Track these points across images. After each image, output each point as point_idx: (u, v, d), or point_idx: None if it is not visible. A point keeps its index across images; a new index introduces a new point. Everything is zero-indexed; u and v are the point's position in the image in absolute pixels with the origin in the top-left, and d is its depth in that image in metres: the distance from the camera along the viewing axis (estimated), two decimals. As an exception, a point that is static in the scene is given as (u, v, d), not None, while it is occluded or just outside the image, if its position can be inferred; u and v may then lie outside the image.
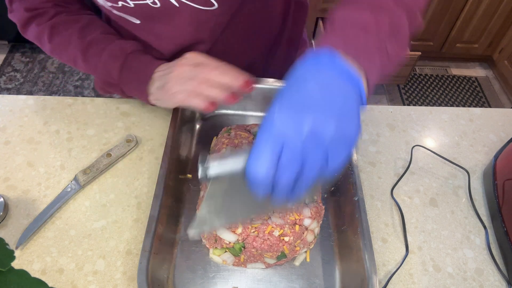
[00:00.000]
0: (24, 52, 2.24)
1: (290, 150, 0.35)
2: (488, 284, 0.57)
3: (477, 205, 0.65)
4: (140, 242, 0.58)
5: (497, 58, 2.21)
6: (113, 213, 0.61)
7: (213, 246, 0.55)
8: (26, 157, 0.67)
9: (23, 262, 0.56)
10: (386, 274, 0.57)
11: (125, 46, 0.60)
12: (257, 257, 0.54)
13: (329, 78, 0.38)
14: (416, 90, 2.22)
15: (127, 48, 0.60)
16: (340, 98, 0.37)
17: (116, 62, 0.59)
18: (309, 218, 0.54)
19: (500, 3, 1.96)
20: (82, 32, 0.62)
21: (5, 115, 0.73)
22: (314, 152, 0.35)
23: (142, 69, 0.59)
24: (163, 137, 0.71)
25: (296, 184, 0.37)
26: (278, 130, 0.36)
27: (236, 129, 0.65)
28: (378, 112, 0.78)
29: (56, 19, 0.62)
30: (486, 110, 0.80)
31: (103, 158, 0.65)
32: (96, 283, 0.54)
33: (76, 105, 0.75)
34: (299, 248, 0.54)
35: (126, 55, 0.59)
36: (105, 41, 0.61)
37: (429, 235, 0.62)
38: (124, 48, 0.60)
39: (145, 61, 0.59)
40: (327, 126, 0.35)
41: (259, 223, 0.52)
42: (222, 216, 0.46)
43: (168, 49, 0.65)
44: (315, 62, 0.40)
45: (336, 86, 0.38)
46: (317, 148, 0.35)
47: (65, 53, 0.63)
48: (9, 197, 0.62)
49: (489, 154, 0.73)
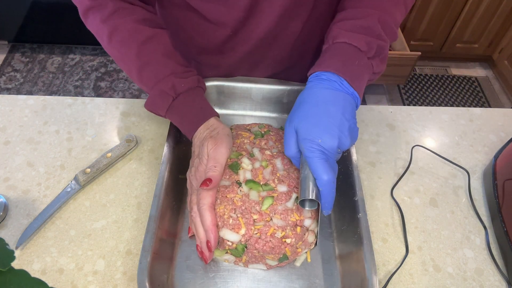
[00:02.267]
0: (24, 52, 2.24)
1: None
2: (488, 284, 0.57)
3: (477, 205, 0.65)
4: (140, 242, 0.58)
5: (497, 58, 2.21)
6: (113, 213, 0.61)
7: (215, 247, 0.55)
8: (26, 157, 0.67)
9: (23, 262, 0.56)
10: (386, 274, 0.57)
11: (177, 85, 0.58)
12: (259, 259, 0.54)
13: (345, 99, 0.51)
14: (416, 90, 2.22)
15: (179, 88, 0.58)
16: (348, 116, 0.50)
17: (164, 101, 0.58)
18: (309, 219, 0.54)
19: (500, 3, 1.96)
20: (141, 49, 0.58)
21: (5, 115, 0.73)
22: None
23: (187, 121, 0.59)
24: (163, 137, 0.71)
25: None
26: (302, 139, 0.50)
27: (237, 129, 0.65)
28: (378, 112, 0.78)
29: (117, 21, 0.57)
30: (486, 110, 0.80)
31: (103, 158, 0.65)
32: (96, 283, 0.54)
33: (76, 105, 0.75)
34: (301, 249, 0.54)
35: (176, 96, 0.58)
36: (160, 69, 0.58)
37: (429, 235, 0.62)
38: (175, 87, 0.58)
39: (192, 111, 0.59)
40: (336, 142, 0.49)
41: (261, 225, 0.52)
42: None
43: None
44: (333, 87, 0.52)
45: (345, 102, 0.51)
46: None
47: (121, 62, 0.61)
48: (9, 197, 0.62)
49: (489, 154, 0.73)
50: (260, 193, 0.55)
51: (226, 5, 0.60)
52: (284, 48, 0.69)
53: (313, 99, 0.52)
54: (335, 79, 0.52)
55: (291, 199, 0.54)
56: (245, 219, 0.52)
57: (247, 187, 0.55)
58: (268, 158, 0.58)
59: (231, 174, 0.57)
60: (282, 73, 0.73)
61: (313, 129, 0.49)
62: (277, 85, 0.71)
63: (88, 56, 2.23)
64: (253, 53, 0.69)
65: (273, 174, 0.56)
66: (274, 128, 0.66)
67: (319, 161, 0.48)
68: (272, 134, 0.63)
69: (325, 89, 0.52)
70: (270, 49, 0.69)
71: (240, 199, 0.54)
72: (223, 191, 0.55)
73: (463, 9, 2.00)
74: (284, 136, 0.53)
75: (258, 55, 0.69)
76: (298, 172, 0.57)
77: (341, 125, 0.49)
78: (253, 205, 0.53)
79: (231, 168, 0.57)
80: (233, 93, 0.72)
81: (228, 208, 0.53)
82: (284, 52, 0.70)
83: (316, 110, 0.50)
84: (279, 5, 0.60)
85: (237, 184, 0.55)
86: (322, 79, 0.53)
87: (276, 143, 0.62)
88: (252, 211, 0.53)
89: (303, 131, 0.50)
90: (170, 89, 0.57)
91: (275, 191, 0.54)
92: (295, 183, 0.56)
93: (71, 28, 2.12)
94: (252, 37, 0.65)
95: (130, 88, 2.10)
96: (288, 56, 0.71)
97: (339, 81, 0.52)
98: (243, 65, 0.72)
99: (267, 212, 0.53)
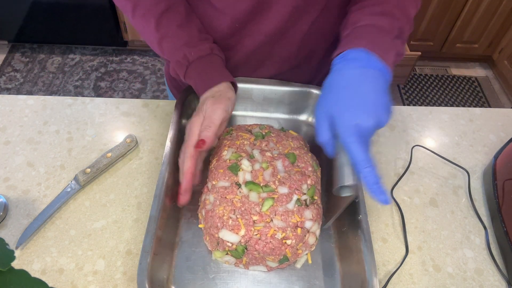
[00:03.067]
0: (24, 52, 2.24)
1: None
2: (488, 284, 0.57)
3: (477, 205, 0.65)
4: (140, 242, 0.58)
5: (497, 58, 2.22)
6: (113, 213, 0.61)
7: (215, 249, 0.55)
8: (26, 157, 0.67)
9: (23, 262, 0.56)
10: (386, 274, 0.57)
11: (188, 54, 0.61)
12: (259, 260, 0.54)
13: (374, 76, 0.51)
14: (416, 90, 2.22)
15: (190, 57, 0.62)
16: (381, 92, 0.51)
17: (180, 70, 0.63)
18: (310, 220, 0.54)
19: (500, 3, 1.96)
20: (158, 22, 0.62)
21: (5, 115, 0.73)
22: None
23: (200, 85, 0.62)
24: (163, 137, 0.71)
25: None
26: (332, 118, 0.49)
27: (238, 130, 0.65)
28: (378, 112, 0.78)
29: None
30: (486, 110, 0.80)
31: (103, 158, 0.65)
32: (96, 283, 0.54)
33: (76, 105, 0.75)
34: (301, 251, 0.54)
35: (188, 64, 0.62)
36: (175, 41, 0.62)
37: (429, 235, 0.62)
38: (187, 56, 0.62)
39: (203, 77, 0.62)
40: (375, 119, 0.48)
41: (261, 226, 0.52)
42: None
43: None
44: (361, 65, 0.51)
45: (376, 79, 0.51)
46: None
47: (144, 36, 0.65)
48: (9, 197, 0.62)
49: (489, 154, 0.73)
50: (260, 195, 0.55)
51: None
52: (291, 46, 0.69)
53: (343, 81, 0.51)
54: (363, 57, 0.51)
55: (292, 201, 0.54)
56: (244, 220, 0.52)
57: (246, 189, 0.55)
58: (268, 160, 0.58)
59: (231, 176, 0.56)
60: (288, 72, 0.72)
61: (348, 112, 0.48)
62: (278, 86, 0.71)
63: (88, 56, 2.23)
64: (259, 50, 0.69)
65: (274, 176, 0.56)
66: (275, 129, 0.66)
67: (358, 145, 0.46)
68: (273, 135, 0.63)
69: (354, 69, 0.51)
70: (277, 47, 0.69)
71: (240, 200, 0.54)
72: (223, 192, 0.55)
73: (463, 9, 2.00)
74: (316, 122, 0.52)
75: (264, 52, 0.69)
76: (299, 174, 0.57)
77: (376, 103, 0.48)
78: (252, 206, 0.53)
79: (231, 169, 0.57)
80: (233, 93, 0.72)
81: (227, 209, 0.53)
82: (291, 51, 0.70)
83: (348, 92, 0.49)
84: (289, 2, 0.60)
85: (236, 186, 0.55)
86: (348, 60, 0.52)
87: (277, 145, 0.62)
88: (252, 212, 0.53)
89: (338, 115, 0.48)
90: (182, 58, 0.61)
91: (276, 193, 0.54)
92: (296, 185, 0.55)
93: (71, 28, 2.12)
94: (259, 32, 0.65)
95: (130, 88, 2.10)
96: (294, 55, 0.71)
97: (367, 58, 0.51)
98: (249, 62, 0.72)
99: (267, 214, 0.53)
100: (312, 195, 0.56)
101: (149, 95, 2.07)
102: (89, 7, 2.00)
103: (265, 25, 0.64)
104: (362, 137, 0.47)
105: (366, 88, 0.49)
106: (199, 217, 0.59)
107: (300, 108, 0.74)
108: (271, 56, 0.70)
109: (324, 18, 0.65)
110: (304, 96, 0.72)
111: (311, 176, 0.58)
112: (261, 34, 0.66)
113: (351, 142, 0.46)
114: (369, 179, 0.46)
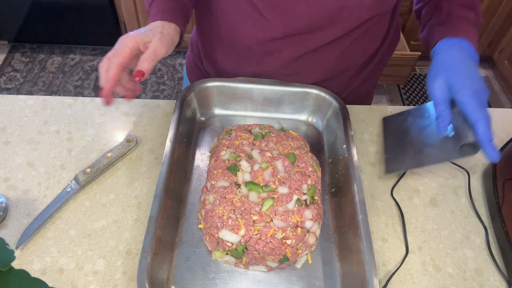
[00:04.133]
0: (24, 52, 2.24)
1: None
2: (488, 284, 0.57)
3: (477, 205, 0.65)
4: (140, 242, 0.58)
5: (497, 58, 2.21)
6: (113, 213, 0.61)
7: (215, 249, 0.55)
8: (26, 157, 0.67)
9: (23, 262, 0.56)
10: (386, 274, 0.57)
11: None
12: (259, 260, 0.54)
13: (473, 58, 0.62)
14: (416, 90, 2.22)
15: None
16: (477, 71, 0.60)
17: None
18: (310, 220, 0.54)
19: (500, 3, 1.96)
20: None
21: (5, 115, 0.73)
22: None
23: (159, 13, 0.63)
24: (163, 137, 0.71)
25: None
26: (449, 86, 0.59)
27: (237, 130, 0.65)
28: (378, 112, 0.78)
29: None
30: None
31: (103, 158, 0.65)
32: (96, 283, 0.54)
33: (76, 105, 0.75)
34: (301, 251, 0.54)
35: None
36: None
37: (429, 235, 0.62)
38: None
39: (167, 7, 0.63)
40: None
41: (261, 226, 0.52)
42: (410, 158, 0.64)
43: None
44: (465, 49, 0.62)
45: (476, 62, 0.62)
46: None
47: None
48: (9, 197, 0.62)
49: (489, 154, 0.73)
50: (260, 195, 0.55)
51: (286, 16, 0.63)
52: (328, 61, 0.71)
53: (455, 57, 0.61)
54: (464, 44, 0.62)
55: (292, 201, 0.54)
56: (244, 220, 0.52)
57: (246, 189, 0.55)
58: (268, 160, 0.58)
59: (230, 176, 0.56)
60: (319, 84, 0.74)
61: (468, 80, 0.57)
62: (278, 86, 0.71)
63: (88, 56, 2.23)
64: (297, 61, 0.70)
65: (274, 176, 0.56)
66: (275, 129, 0.66)
67: (478, 106, 0.55)
68: (273, 135, 0.63)
69: (462, 50, 0.62)
70: (315, 60, 0.71)
71: (239, 200, 0.54)
72: (222, 192, 0.55)
73: (463, 9, 2.00)
74: (431, 91, 0.60)
75: (301, 63, 0.71)
76: (299, 174, 0.57)
77: (480, 77, 0.59)
78: (252, 206, 0.53)
79: (229, 170, 0.57)
80: (234, 94, 0.72)
81: (227, 209, 0.53)
82: (328, 65, 0.72)
83: (462, 67, 0.59)
84: (341, 27, 0.64)
85: (236, 185, 0.55)
86: (454, 44, 0.63)
87: (277, 145, 0.62)
88: (252, 212, 0.53)
89: (459, 82, 0.57)
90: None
91: (276, 193, 0.54)
92: (296, 185, 0.55)
93: (71, 28, 2.12)
94: (302, 46, 0.68)
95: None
96: (330, 68, 0.73)
97: (467, 45, 0.62)
98: (283, 71, 0.73)
99: (267, 213, 0.53)
100: (312, 195, 0.56)
101: (149, 95, 2.07)
102: (89, 7, 2.00)
103: (310, 41, 0.66)
104: (480, 100, 0.56)
105: (472, 66, 0.60)
106: (199, 217, 0.59)
107: (300, 108, 0.74)
108: (307, 67, 0.72)
109: (365, 38, 0.69)
110: (304, 96, 0.72)
111: (311, 176, 0.58)
112: (303, 48, 0.68)
113: (472, 103, 0.55)
114: (485, 136, 0.54)
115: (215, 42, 0.75)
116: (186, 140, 0.68)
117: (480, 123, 0.54)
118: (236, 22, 0.68)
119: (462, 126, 0.58)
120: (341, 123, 0.67)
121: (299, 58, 0.70)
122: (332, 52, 0.69)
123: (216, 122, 0.74)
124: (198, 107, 0.72)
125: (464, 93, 0.56)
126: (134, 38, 0.56)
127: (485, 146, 0.54)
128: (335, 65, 0.72)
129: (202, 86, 0.71)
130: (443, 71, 0.60)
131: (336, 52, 0.69)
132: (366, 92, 0.87)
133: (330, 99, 0.70)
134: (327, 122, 0.72)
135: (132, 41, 0.56)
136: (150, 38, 0.58)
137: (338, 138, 0.67)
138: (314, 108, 0.73)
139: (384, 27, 0.73)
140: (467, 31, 0.64)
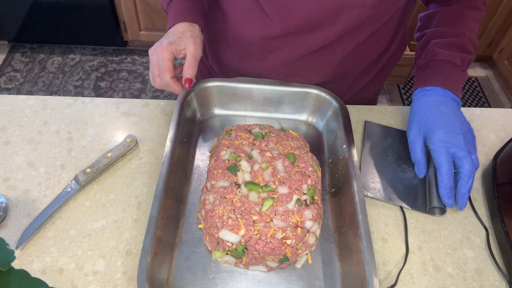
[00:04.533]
0: (24, 52, 2.24)
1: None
2: (488, 284, 0.57)
3: (477, 205, 0.65)
4: (140, 242, 0.58)
5: (497, 58, 2.21)
6: (113, 213, 0.61)
7: (215, 249, 0.55)
8: (26, 157, 0.67)
9: (23, 262, 0.56)
10: (386, 274, 0.57)
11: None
12: (259, 260, 0.54)
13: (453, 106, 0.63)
14: (416, 90, 2.22)
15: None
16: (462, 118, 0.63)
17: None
18: (310, 220, 0.54)
19: (500, 3, 1.96)
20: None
21: (5, 115, 0.73)
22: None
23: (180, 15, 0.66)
24: (163, 137, 0.71)
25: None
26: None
27: (237, 130, 0.65)
28: (378, 112, 0.78)
29: None
30: (486, 110, 0.80)
31: (103, 158, 0.65)
32: (96, 283, 0.54)
33: (76, 105, 0.75)
34: (301, 251, 0.54)
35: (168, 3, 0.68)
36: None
37: (429, 235, 0.62)
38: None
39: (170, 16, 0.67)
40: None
41: (261, 226, 0.52)
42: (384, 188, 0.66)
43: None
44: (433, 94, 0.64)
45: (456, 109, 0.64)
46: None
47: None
48: (9, 197, 0.62)
49: (489, 154, 0.73)
50: (260, 195, 0.55)
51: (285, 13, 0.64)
52: (329, 63, 0.71)
53: (427, 104, 0.63)
54: (440, 91, 0.64)
55: (292, 201, 0.54)
56: (244, 220, 0.52)
57: (246, 189, 0.55)
58: (268, 160, 0.58)
59: (230, 176, 0.56)
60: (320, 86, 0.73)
61: (436, 126, 0.60)
62: (278, 86, 0.71)
63: (88, 56, 2.23)
64: (297, 61, 0.70)
65: (274, 176, 0.56)
66: (275, 129, 0.66)
67: (444, 157, 0.59)
68: (273, 135, 0.63)
69: (432, 96, 0.64)
70: (315, 62, 0.70)
71: (239, 200, 0.54)
72: (222, 192, 0.55)
73: (463, 9, 2.00)
74: (408, 138, 0.65)
75: (301, 64, 0.71)
76: (299, 174, 0.57)
77: (461, 121, 0.61)
78: (252, 206, 0.53)
79: (229, 170, 0.57)
80: (234, 94, 0.72)
81: (227, 209, 0.53)
82: (328, 67, 0.72)
83: (435, 112, 0.62)
84: (339, 26, 0.63)
85: (236, 185, 0.55)
86: (427, 91, 0.65)
87: (277, 145, 0.62)
88: (252, 212, 0.53)
89: (428, 130, 0.61)
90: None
91: (276, 193, 0.54)
92: (296, 185, 0.55)
93: (71, 28, 2.13)
94: (302, 46, 0.68)
95: (130, 88, 2.10)
96: (330, 71, 0.72)
97: (442, 90, 0.64)
98: (283, 70, 0.73)
99: (267, 213, 0.53)
100: (312, 195, 0.56)
101: (149, 95, 2.07)
102: (89, 7, 2.00)
103: (310, 40, 0.66)
104: (449, 151, 0.59)
105: (446, 110, 0.62)
106: (199, 217, 0.59)
107: (300, 108, 0.74)
108: (307, 68, 0.71)
109: (368, 43, 0.69)
110: (304, 96, 0.72)
111: (311, 176, 0.58)
112: (303, 48, 0.67)
113: (438, 152, 0.59)
114: (444, 183, 0.59)
115: (220, 37, 0.76)
116: (186, 140, 0.68)
117: (440, 172, 0.59)
118: (240, 17, 0.69)
119: (430, 191, 0.63)
120: (341, 123, 0.67)
121: (300, 59, 0.70)
122: (333, 55, 0.69)
123: (216, 122, 0.74)
124: (198, 107, 0.73)
125: (432, 141, 0.60)
126: (169, 49, 0.61)
127: (441, 193, 0.60)
128: (336, 68, 0.72)
129: (202, 86, 0.71)
130: (418, 119, 0.63)
131: (337, 56, 0.69)
132: (368, 98, 0.87)
133: (330, 99, 0.70)
134: (327, 122, 0.72)
135: (169, 53, 0.61)
136: (184, 45, 0.63)
137: (338, 138, 0.67)
138: (314, 108, 0.73)
139: (389, 34, 0.72)
140: (447, 76, 0.65)
